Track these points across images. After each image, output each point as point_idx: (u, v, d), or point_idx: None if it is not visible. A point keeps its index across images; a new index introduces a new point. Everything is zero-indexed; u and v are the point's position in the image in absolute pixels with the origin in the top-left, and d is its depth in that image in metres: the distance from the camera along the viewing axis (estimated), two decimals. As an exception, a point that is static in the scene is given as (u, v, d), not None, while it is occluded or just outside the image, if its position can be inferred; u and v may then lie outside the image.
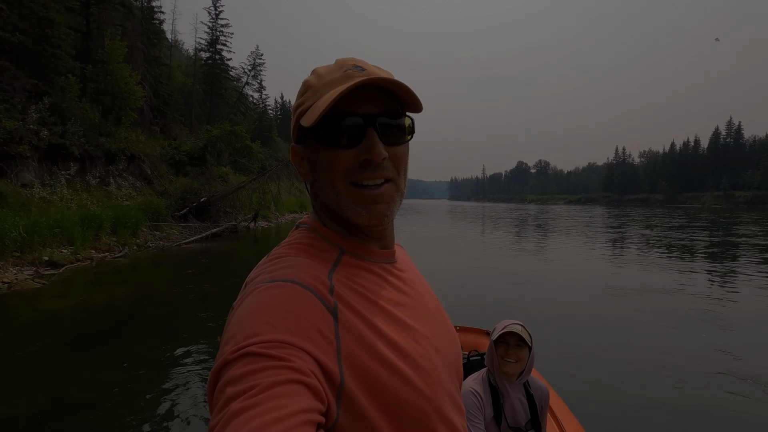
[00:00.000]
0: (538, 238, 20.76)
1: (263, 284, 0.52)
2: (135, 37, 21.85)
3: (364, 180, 0.59)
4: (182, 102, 29.38)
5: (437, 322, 0.67)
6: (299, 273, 0.54)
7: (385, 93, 0.60)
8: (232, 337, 0.45)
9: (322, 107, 0.55)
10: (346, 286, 0.57)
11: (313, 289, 0.52)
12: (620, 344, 5.60)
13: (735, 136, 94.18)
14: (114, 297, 7.60)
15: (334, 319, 0.51)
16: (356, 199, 0.59)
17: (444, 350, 0.64)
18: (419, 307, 0.65)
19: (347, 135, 0.58)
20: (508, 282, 9.79)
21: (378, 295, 0.60)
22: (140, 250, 12.62)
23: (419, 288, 0.69)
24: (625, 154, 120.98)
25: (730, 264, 12.43)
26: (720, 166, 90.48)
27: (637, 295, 8.34)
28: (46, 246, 9.70)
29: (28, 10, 13.74)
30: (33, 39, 13.98)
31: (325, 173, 0.60)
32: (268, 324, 0.45)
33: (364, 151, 0.57)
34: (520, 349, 1.83)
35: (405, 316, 0.60)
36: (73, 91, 15.19)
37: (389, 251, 0.68)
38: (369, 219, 0.60)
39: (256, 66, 43.37)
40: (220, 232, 17.16)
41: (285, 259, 0.58)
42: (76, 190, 13.36)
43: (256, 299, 0.49)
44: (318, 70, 0.63)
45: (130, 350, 5.14)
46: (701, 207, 75.03)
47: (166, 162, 20.53)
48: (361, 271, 0.61)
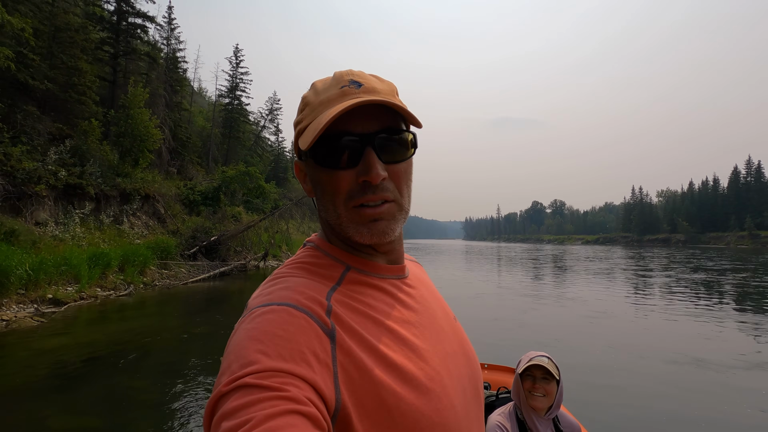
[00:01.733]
0: (573, 281, 20.09)
1: (259, 308, 0.51)
2: (158, 84, 23.10)
3: (364, 202, 0.57)
4: (200, 144, 30.46)
5: (450, 341, 0.63)
6: (296, 295, 0.52)
7: (384, 108, 0.58)
8: (228, 367, 0.45)
9: (315, 130, 0.54)
10: (347, 306, 0.55)
11: (308, 312, 0.50)
12: (659, 385, 5.30)
13: (755, 174, 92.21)
14: (111, 335, 7.46)
15: (331, 341, 0.50)
16: (357, 220, 0.58)
17: (458, 371, 0.60)
18: (430, 325, 0.62)
19: (345, 156, 0.56)
20: (544, 327, 9.34)
21: (383, 313, 0.57)
22: (146, 289, 12.60)
23: (432, 305, 0.66)
24: (642, 193, 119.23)
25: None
26: (742, 205, 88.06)
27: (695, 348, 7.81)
28: (52, 284, 9.75)
29: (58, 60, 14.68)
30: (60, 86, 14.84)
31: (326, 195, 0.59)
32: (262, 352, 0.44)
33: (362, 173, 0.56)
34: (548, 382, 1.77)
35: (412, 335, 0.57)
36: (94, 134, 15.90)
37: (398, 266, 0.66)
38: (370, 238, 0.58)
39: (273, 110, 45.11)
40: (228, 271, 17.12)
41: (284, 280, 0.57)
42: (89, 229, 13.62)
43: (251, 326, 0.48)
44: (316, 85, 0.62)
45: (121, 390, 4.94)
46: (726, 247, 72.41)
47: (181, 202, 20.99)
48: (366, 288, 0.60)
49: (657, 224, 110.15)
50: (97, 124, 15.94)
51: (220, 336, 7.94)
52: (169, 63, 26.37)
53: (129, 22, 21.11)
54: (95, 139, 15.90)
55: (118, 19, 20.82)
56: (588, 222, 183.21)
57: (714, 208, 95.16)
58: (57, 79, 14.68)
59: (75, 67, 14.87)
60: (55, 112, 15.20)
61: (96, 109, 15.99)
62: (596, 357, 6.81)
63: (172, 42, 27.93)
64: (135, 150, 16.88)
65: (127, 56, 21.08)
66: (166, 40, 27.81)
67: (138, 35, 21.90)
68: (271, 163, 44.41)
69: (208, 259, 17.16)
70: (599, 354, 6.99)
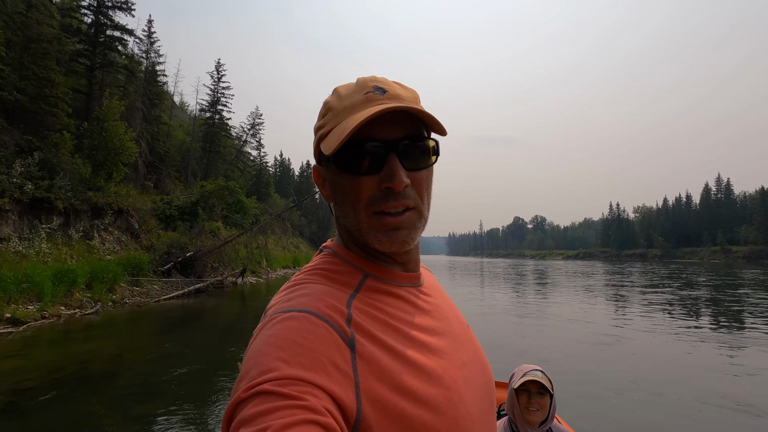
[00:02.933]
0: (561, 296, 20.19)
1: (279, 314, 0.51)
2: (135, 98, 22.74)
3: (386, 209, 0.56)
4: (179, 159, 29.97)
5: (467, 350, 0.63)
6: (316, 302, 0.52)
7: (407, 115, 0.58)
8: (247, 372, 0.45)
9: (341, 136, 0.54)
10: (367, 313, 0.55)
11: (329, 320, 0.50)
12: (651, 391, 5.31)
13: (725, 191, 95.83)
14: (72, 357, 7.07)
15: (351, 350, 0.49)
16: (378, 227, 0.58)
17: (474, 380, 0.60)
18: (447, 333, 0.61)
19: (368, 161, 0.56)
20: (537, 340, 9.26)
21: (401, 321, 0.57)
22: (115, 307, 12.09)
23: (447, 313, 0.66)
24: (620, 209, 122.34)
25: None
26: (714, 221, 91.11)
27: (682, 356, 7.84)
28: (11, 302, 9.25)
29: (29, 71, 14.31)
30: (31, 97, 14.42)
31: (346, 200, 0.59)
32: (281, 360, 0.44)
33: (385, 179, 0.56)
34: (542, 397, 1.80)
35: (431, 342, 0.57)
36: (66, 146, 15.43)
37: (415, 274, 0.65)
38: (390, 246, 0.58)
39: (255, 125, 44.91)
40: (204, 287, 16.64)
41: (303, 286, 0.56)
42: (57, 244, 13.08)
43: (271, 332, 0.48)
44: (339, 91, 0.62)
45: (81, 417, 4.61)
46: (700, 262, 74.48)
47: (157, 216, 20.46)
48: (384, 295, 0.59)
49: (634, 239, 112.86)
50: (69, 137, 15.49)
51: (188, 356, 7.61)
52: (148, 76, 26.04)
53: (107, 34, 20.83)
54: (66, 151, 15.43)
55: (96, 32, 20.53)
56: (568, 237, 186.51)
57: (687, 223, 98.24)
58: (27, 90, 14.28)
59: (47, 78, 14.50)
60: (24, 123, 14.73)
61: (68, 121, 15.57)
62: (589, 367, 6.90)
63: (151, 55, 27.68)
64: (109, 163, 16.43)
65: (103, 69, 20.73)
66: (146, 53, 27.55)
67: (116, 48, 21.61)
68: (253, 178, 43.97)
69: (183, 276, 16.65)
70: (592, 365, 7.07)
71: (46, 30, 15.13)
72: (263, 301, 17.09)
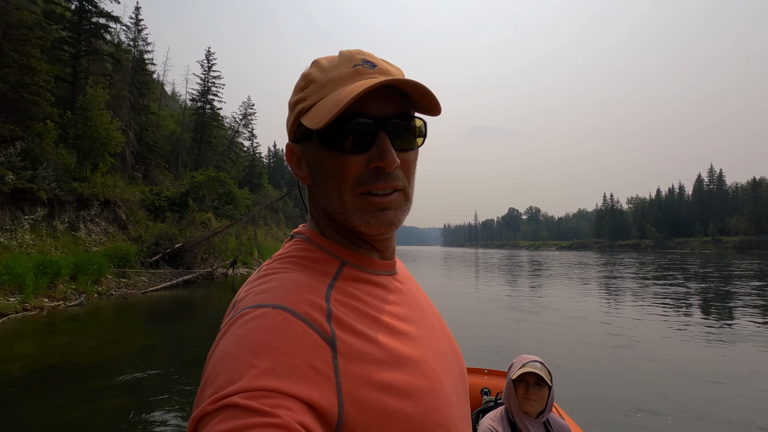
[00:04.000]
0: (558, 286, 20.26)
1: (251, 309, 0.46)
2: (122, 87, 22.32)
3: (374, 189, 0.54)
4: (169, 149, 29.59)
5: (441, 339, 0.61)
6: (292, 296, 0.48)
7: (397, 92, 0.55)
8: (214, 378, 0.41)
9: (334, 108, 0.50)
10: (346, 305, 0.52)
11: (306, 318, 0.46)
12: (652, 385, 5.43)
13: (717, 182, 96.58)
14: (52, 349, 6.97)
15: (332, 350, 0.46)
16: (364, 208, 0.55)
17: (450, 368, 0.59)
18: (423, 321, 0.60)
19: (356, 139, 0.53)
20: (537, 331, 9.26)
21: (381, 310, 0.55)
22: (100, 299, 11.97)
23: (421, 302, 0.64)
24: (614, 200, 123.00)
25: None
26: (706, 211, 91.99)
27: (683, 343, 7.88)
28: (-9, 294, 9.10)
29: (9, 59, 13.95)
30: (12, 86, 14.08)
31: (330, 180, 0.55)
32: (253, 366, 0.40)
33: (376, 158, 0.53)
34: (540, 388, 1.80)
35: (410, 332, 0.55)
36: (50, 136, 15.13)
37: (391, 262, 0.63)
38: (378, 228, 0.55)
39: (247, 115, 44.42)
40: (193, 279, 16.52)
41: (277, 276, 0.52)
42: (41, 236, 12.88)
43: (241, 331, 0.44)
44: (320, 62, 0.57)
45: (57, 412, 4.52)
46: (691, 252, 75.24)
47: (145, 207, 20.22)
48: (362, 284, 0.57)
49: (627, 230, 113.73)
50: (52, 126, 15.19)
51: (174, 348, 7.55)
52: (135, 65, 25.56)
53: (92, 21, 20.35)
54: (50, 141, 15.14)
55: (80, 19, 20.05)
56: (562, 228, 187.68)
57: (680, 214, 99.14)
58: (8, 78, 13.93)
59: (27, 65, 14.15)
60: (6, 113, 14.41)
61: (51, 110, 15.23)
62: (588, 357, 6.99)
63: (139, 43, 27.13)
64: (94, 153, 16.15)
65: (88, 56, 20.28)
66: (133, 41, 26.99)
67: (101, 35, 21.13)
68: (245, 169, 43.58)
69: (172, 267, 16.51)
70: (591, 354, 7.17)
71: (26, 15, 14.71)
72: (254, 292, 16.96)
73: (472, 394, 2.88)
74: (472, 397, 2.87)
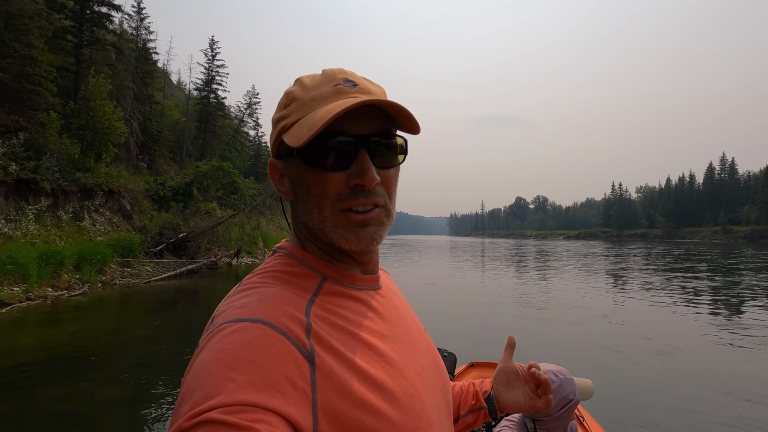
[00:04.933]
0: (567, 280, 20.14)
1: (229, 324, 0.46)
2: (125, 76, 22.28)
3: (354, 206, 0.55)
4: (173, 139, 29.63)
5: (424, 355, 0.62)
6: (271, 310, 0.48)
7: (377, 110, 0.57)
8: (190, 394, 0.40)
9: (312, 128, 0.51)
10: (326, 321, 0.52)
11: (286, 332, 0.46)
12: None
13: (729, 171, 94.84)
14: (52, 339, 7.05)
15: (310, 365, 0.46)
16: (344, 225, 0.55)
17: (432, 386, 0.59)
18: (405, 338, 0.60)
19: (337, 157, 0.54)
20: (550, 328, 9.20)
21: (360, 326, 0.54)
22: (104, 288, 12.11)
23: (405, 316, 0.64)
24: (622, 189, 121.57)
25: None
26: (716, 201, 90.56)
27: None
28: (-5, 284, 9.23)
29: (10, 49, 13.94)
30: (14, 76, 14.10)
31: (310, 197, 0.56)
32: (231, 380, 0.40)
33: (355, 176, 0.54)
34: None
35: (390, 349, 0.55)
36: (53, 127, 15.19)
37: (374, 277, 0.63)
38: (357, 244, 0.56)
39: (252, 104, 44.28)
40: (197, 268, 16.65)
41: (257, 290, 0.52)
42: (45, 226, 13.01)
43: (219, 346, 0.44)
44: (303, 80, 0.59)
45: (55, 402, 4.58)
46: (701, 242, 74.33)
47: (150, 197, 20.33)
48: (343, 299, 0.56)
49: (636, 220, 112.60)
50: (56, 117, 15.24)
51: (172, 337, 7.61)
52: (138, 54, 25.48)
53: (93, 10, 20.25)
54: (54, 132, 15.20)
55: (82, 8, 19.95)
56: (570, 217, 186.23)
57: (690, 203, 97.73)
58: (9, 68, 13.95)
59: (29, 56, 14.14)
60: (9, 103, 14.45)
61: (53, 101, 15.25)
62: (613, 362, 6.43)
63: (141, 32, 27.01)
64: (97, 144, 16.20)
65: (91, 46, 20.23)
66: (135, 30, 26.88)
67: (103, 24, 21.04)
68: (251, 159, 43.59)
69: (176, 257, 16.65)
70: (616, 360, 6.56)
71: (27, 5, 14.65)
72: (258, 281, 17.06)
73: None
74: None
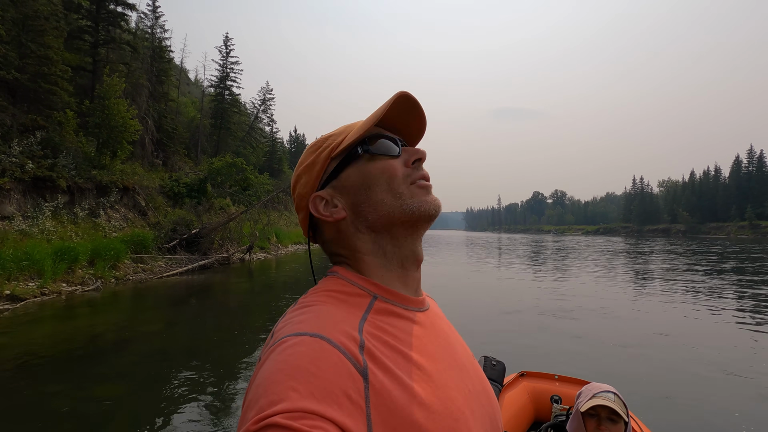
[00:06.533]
0: (601, 276, 19.77)
1: (289, 338, 0.49)
2: (140, 75, 22.63)
3: (421, 177, 0.62)
4: (188, 136, 30.05)
5: (472, 379, 0.61)
6: (328, 326, 0.50)
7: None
8: (255, 401, 0.43)
9: (368, 122, 0.60)
10: (378, 339, 0.53)
11: (341, 347, 0.48)
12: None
13: (758, 164, 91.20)
14: (65, 333, 7.21)
15: (364, 380, 0.48)
16: (419, 193, 0.61)
17: (481, 411, 0.58)
18: (452, 360, 0.60)
19: (392, 147, 0.62)
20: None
21: (411, 346, 0.56)
22: (118, 284, 12.36)
23: (452, 340, 0.65)
24: (644, 183, 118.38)
25: None
26: (743, 195, 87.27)
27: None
28: (12, 279, 9.49)
29: (27, 50, 14.28)
30: (31, 76, 14.45)
31: (380, 186, 0.61)
32: (293, 389, 0.43)
33: (412, 155, 0.62)
34: (614, 423, 1.58)
35: (437, 371, 0.56)
36: (69, 125, 15.54)
37: (420, 299, 0.64)
38: (433, 205, 0.61)
39: (266, 100, 44.60)
40: (209, 264, 16.88)
41: (312, 308, 0.55)
42: (62, 222, 13.34)
43: (280, 357, 0.47)
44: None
45: (61, 399, 4.66)
46: (726, 238, 71.92)
47: (165, 194, 20.68)
48: (394, 318, 0.58)
49: (657, 214, 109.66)
50: (72, 115, 15.58)
51: (181, 332, 7.69)
52: (153, 52, 25.85)
53: (108, 9, 20.60)
54: (70, 130, 15.55)
55: (98, 8, 20.32)
56: (589, 212, 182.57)
57: (715, 198, 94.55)
58: (27, 68, 14.29)
59: (44, 56, 14.46)
60: (27, 102, 14.84)
61: (69, 100, 15.60)
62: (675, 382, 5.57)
63: (156, 31, 27.38)
64: (112, 141, 16.52)
65: (106, 45, 20.60)
66: (150, 28, 27.26)
67: (118, 23, 21.40)
68: (266, 155, 43.98)
69: (188, 253, 16.90)
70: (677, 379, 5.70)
71: (42, 6, 14.97)
72: (270, 276, 17.26)
73: (540, 400, 2.70)
74: (539, 404, 2.70)
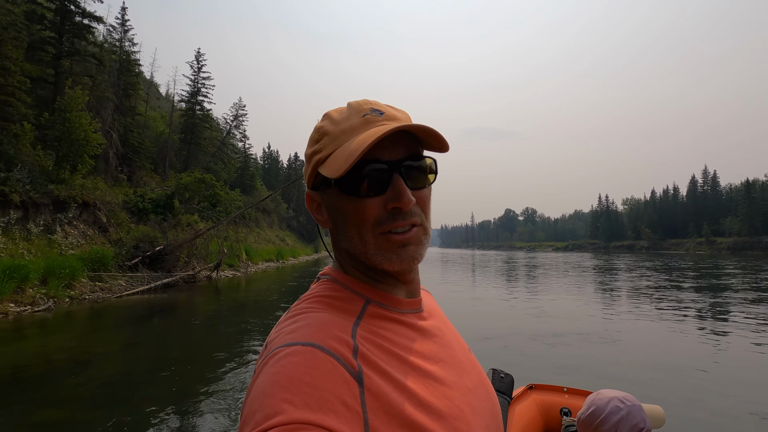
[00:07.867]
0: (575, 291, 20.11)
1: (282, 348, 0.49)
2: (105, 87, 22.09)
3: (394, 228, 0.57)
4: (155, 151, 29.33)
5: (471, 376, 0.62)
6: (320, 333, 0.50)
7: (405, 134, 0.59)
8: (251, 416, 0.43)
9: (350, 157, 0.53)
10: (372, 342, 0.53)
11: (335, 354, 0.49)
12: None
13: (712, 183, 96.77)
14: (11, 356, 6.75)
15: (359, 385, 0.48)
16: (386, 246, 0.58)
17: (480, 407, 0.59)
18: (450, 359, 0.61)
19: (373, 183, 0.56)
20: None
21: (406, 349, 0.56)
22: (72, 303, 11.75)
23: (449, 337, 0.65)
24: (609, 201, 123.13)
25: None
26: (700, 213, 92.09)
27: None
28: (-48, 300, 8.88)
29: (-18, 60, 13.75)
30: (-15, 87, 13.87)
31: (350, 223, 0.59)
32: (287, 401, 0.43)
33: (392, 200, 0.56)
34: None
35: (434, 370, 0.56)
36: (26, 137, 14.92)
37: (416, 299, 0.65)
38: (400, 264, 0.58)
39: (238, 116, 44.23)
40: (174, 282, 16.31)
41: (305, 316, 0.55)
42: (13, 239, 12.65)
43: (274, 369, 0.47)
44: (331, 115, 0.62)
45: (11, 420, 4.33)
46: (686, 253, 75.29)
47: (128, 210, 19.99)
48: (387, 322, 0.58)
49: (622, 231, 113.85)
50: (29, 128, 14.98)
51: (138, 353, 7.34)
52: (121, 65, 25.32)
53: (74, 21, 20.13)
54: (27, 143, 14.92)
55: (62, 19, 19.83)
56: (558, 229, 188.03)
57: (674, 215, 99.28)
58: (-19, 79, 13.73)
59: (1, 66, 13.94)
60: (-20, 114, 14.19)
61: (26, 112, 15.02)
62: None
63: (125, 44, 26.89)
64: (73, 155, 15.93)
65: (71, 57, 20.06)
66: (119, 41, 26.76)
67: (84, 36, 20.91)
68: (238, 170, 43.36)
69: (152, 270, 16.30)
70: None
71: (1, 16, 14.50)
72: (239, 294, 16.78)
73: (549, 413, 2.75)
74: (549, 417, 2.74)
